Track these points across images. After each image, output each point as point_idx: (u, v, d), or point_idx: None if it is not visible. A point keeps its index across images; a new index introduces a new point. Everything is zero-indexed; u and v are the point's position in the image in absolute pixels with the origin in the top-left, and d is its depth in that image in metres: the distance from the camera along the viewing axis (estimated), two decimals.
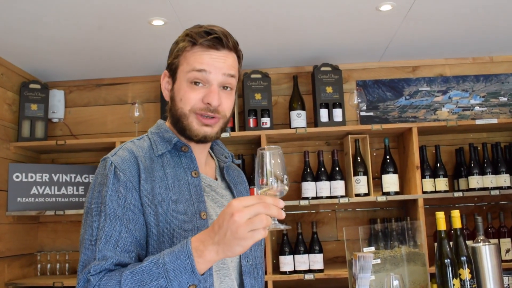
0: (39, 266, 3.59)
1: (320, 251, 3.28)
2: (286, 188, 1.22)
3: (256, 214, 1.10)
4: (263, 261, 1.56)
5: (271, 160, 1.20)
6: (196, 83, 1.38)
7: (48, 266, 3.58)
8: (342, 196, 3.31)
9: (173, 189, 1.37)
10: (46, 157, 3.81)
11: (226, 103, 1.42)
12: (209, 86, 1.39)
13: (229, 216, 1.09)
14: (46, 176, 3.48)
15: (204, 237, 1.15)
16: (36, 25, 2.81)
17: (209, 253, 1.13)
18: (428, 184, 3.33)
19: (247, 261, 1.46)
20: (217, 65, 1.39)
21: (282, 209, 1.15)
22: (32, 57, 3.35)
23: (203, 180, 1.46)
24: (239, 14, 2.80)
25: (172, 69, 1.44)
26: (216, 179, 1.54)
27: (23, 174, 3.39)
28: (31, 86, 3.55)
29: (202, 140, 1.41)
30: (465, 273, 2.03)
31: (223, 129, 1.47)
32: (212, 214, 1.41)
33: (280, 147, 1.24)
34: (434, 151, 3.51)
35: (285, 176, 1.21)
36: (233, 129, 3.45)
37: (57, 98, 3.73)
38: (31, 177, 3.42)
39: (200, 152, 1.50)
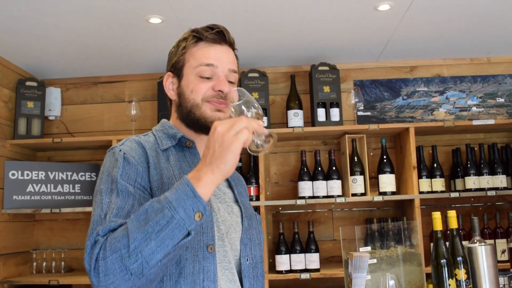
0: (34, 264, 3.58)
1: (317, 251, 3.28)
2: (254, 111, 1.32)
3: (236, 122, 1.21)
4: (262, 260, 1.58)
5: (245, 93, 1.33)
6: (207, 78, 1.47)
7: (44, 264, 3.57)
8: (338, 196, 3.31)
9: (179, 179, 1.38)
10: (42, 154, 3.80)
11: None
12: (216, 78, 1.48)
13: (213, 132, 1.21)
14: (42, 174, 3.47)
15: (198, 167, 1.24)
16: (33, 23, 2.80)
17: (205, 174, 1.20)
18: (425, 184, 3.33)
19: (246, 260, 1.47)
20: (223, 60, 1.49)
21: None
22: (29, 54, 3.34)
23: None
24: (236, 12, 2.80)
25: (177, 68, 1.51)
26: None
27: (19, 172, 3.38)
28: (28, 83, 3.54)
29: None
30: (461, 274, 2.03)
31: None
32: (215, 208, 1.45)
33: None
34: (431, 152, 3.51)
35: (252, 102, 1.33)
36: None
37: (53, 95, 3.72)
38: (27, 175, 3.41)
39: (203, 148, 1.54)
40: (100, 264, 1.16)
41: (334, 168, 3.39)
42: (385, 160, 3.39)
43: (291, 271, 3.24)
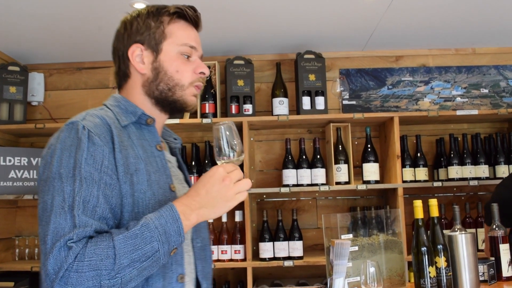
0: (17, 250, 3.55)
1: (300, 239, 3.29)
2: (242, 159, 1.35)
3: (239, 179, 1.27)
4: (209, 242, 1.60)
5: (226, 133, 1.33)
6: (187, 57, 1.45)
7: (27, 250, 3.55)
8: (322, 184, 3.32)
9: (144, 160, 1.35)
10: (25, 140, 3.76)
11: None
12: (193, 59, 1.47)
13: (219, 181, 1.25)
14: (25, 160, 3.43)
15: (188, 202, 1.25)
16: (15, 7, 2.76)
17: (195, 216, 1.24)
18: (408, 173, 3.35)
19: (197, 242, 1.48)
20: (199, 43, 1.49)
21: None
22: (12, 39, 3.29)
23: (165, 155, 1.47)
24: None
25: (153, 42, 1.43)
26: None
27: (1, 158, 3.34)
28: (10, 68, 3.49)
29: (190, 110, 1.49)
30: (441, 261, 2.05)
31: None
32: (177, 189, 1.44)
33: (232, 122, 1.36)
34: (415, 141, 3.53)
35: (239, 147, 1.34)
36: (215, 115, 3.43)
37: (36, 81, 3.68)
38: (10, 161, 3.37)
39: (159, 128, 1.52)
40: (71, 276, 1.10)
41: (318, 156, 3.40)
42: (369, 149, 3.40)
43: (274, 258, 3.25)
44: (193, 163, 3.47)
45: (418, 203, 2.10)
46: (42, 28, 3.10)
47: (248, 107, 3.43)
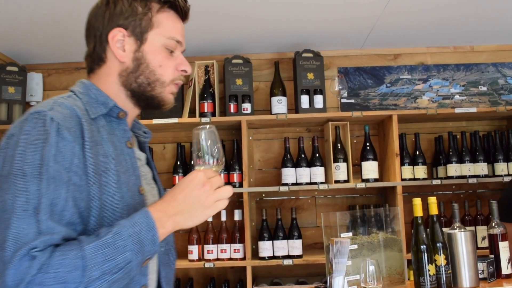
0: None
1: (299, 237, 3.29)
2: (222, 167, 1.28)
3: (219, 186, 1.20)
4: (174, 246, 1.49)
5: (207, 138, 1.25)
6: (171, 51, 1.33)
7: None
8: (322, 183, 3.32)
9: (114, 158, 1.22)
10: None
11: None
12: (176, 54, 1.35)
13: (199, 186, 1.16)
14: None
15: (164, 207, 1.15)
16: (13, 7, 2.75)
17: (171, 223, 1.15)
18: (407, 171, 3.35)
19: (162, 247, 1.37)
20: (184, 37, 1.38)
21: None
22: (10, 39, 3.28)
23: (135, 152, 1.35)
24: None
25: (138, 29, 1.29)
26: None
27: None
28: (9, 68, 3.48)
29: (166, 109, 1.37)
30: (441, 259, 2.05)
31: None
32: (146, 192, 1.32)
33: (214, 126, 1.29)
34: (413, 139, 3.53)
35: (220, 154, 1.26)
36: (213, 114, 3.43)
37: (35, 81, 3.67)
38: None
39: (130, 122, 1.40)
40: None
41: (317, 155, 3.40)
42: (368, 148, 3.40)
43: (274, 257, 3.25)
44: (192, 162, 3.47)
45: (417, 201, 2.10)
46: (41, 28, 3.09)
47: (247, 106, 3.43)
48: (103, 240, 1.05)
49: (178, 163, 3.47)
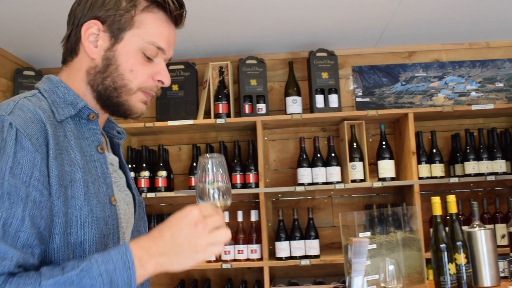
0: None
1: (316, 237, 3.28)
2: (229, 203, 1.13)
3: (216, 227, 1.03)
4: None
5: (213, 169, 1.11)
6: (148, 58, 1.18)
7: None
8: (338, 182, 3.31)
9: (82, 167, 1.09)
10: None
11: None
12: (157, 62, 1.21)
13: (190, 225, 1.01)
14: None
15: (148, 245, 1.00)
16: (29, 11, 2.78)
17: (153, 264, 0.99)
18: (424, 170, 3.33)
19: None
20: (171, 46, 1.23)
21: None
22: (26, 44, 3.32)
23: (107, 157, 1.22)
24: None
25: (115, 26, 1.16)
26: None
27: None
28: (25, 73, 3.52)
29: (135, 117, 1.23)
30: (461, 258, 2.03)
31: None
32: (118, 200, 1.20)
33: (223, 156, 1.16)
34: (430, 137, 3.51)
35: (228, 188, 1.12)
36: (228, 115, 3.43)
37: None
38: None
39: (101, 124, 1.27)
40: None
41: (333, 154, 3.38)
42: (384, 146, 3.38)
43: (291, 257, 3.25)
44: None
45: (436, 200, 2.09)
46: (56, 33, 3.12)
47: (262, 107, 3.43)
48: (67, 276, 0.92)
49: (194, 164, 3.47)
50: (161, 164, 3.45)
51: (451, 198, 2.11)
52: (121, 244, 1.00)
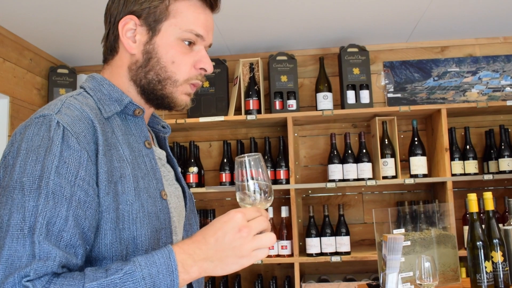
0: None
1: (347, 234, 3.27)
2: (270, 201, 1.09)
3: (261, 230, 1.01)
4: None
5: (252, 168, 1.08)
6: (189, 43, 1.17)
7: None
8: (369, 179, 3.28)
9: (131, 162, 1.09)
10: None
11: None
12: (197, 49, 1.19)
13: (235, 230, 0.98)
14: None
15: (192, 250, 0.99)
16: (63, 11, 2.83)
17: (197, 269, 0.98)
18: (457, 166, 3.28)
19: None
20: (210, 31, 1.21)
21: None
22: (60, 42, 3.38)
23: (154, 152, 1.21)
24: None
25: (152, 18, 1.15)
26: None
27: None
28: (59, 71, 3.59)
29: (180, 110, 1.22)
30: (498, 256, 2.00)
31: None
32: (169, 195, 1.19)
33: (260, 154, 1.12)
34: (463, 133, 3.45)
35: (269, 186, 1.09)
36: (259, 112, 3.44)
37: None
38: None
39: (147, 119, 1.27)
40: None
41: (364, 151, 3.36)
42: (416, 142, 3.34)
43: (321, 254, 3.24)
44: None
45: (472, 197, 2.06)
46: (89, 31, 3.17)
47: (292, 103, 3.42)
48: (110, 279, 0.91)
49: (225, 160, 3.49)
50: (192, 160, 3.47)
51: (488, 195, 2.07)
52: (165, 247, 0.99)
